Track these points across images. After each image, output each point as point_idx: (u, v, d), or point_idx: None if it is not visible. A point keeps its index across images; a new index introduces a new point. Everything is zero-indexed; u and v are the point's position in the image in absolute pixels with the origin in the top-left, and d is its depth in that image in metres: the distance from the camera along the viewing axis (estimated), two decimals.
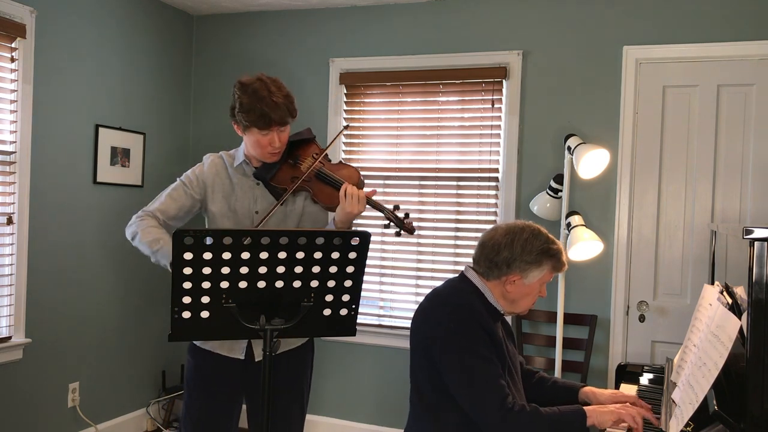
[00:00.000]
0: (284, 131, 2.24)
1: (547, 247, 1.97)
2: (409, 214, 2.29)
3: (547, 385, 2.20)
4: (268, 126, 2.18)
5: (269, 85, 2.19)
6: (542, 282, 2.01)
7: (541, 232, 2.00)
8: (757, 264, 1.46)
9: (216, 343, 2.25)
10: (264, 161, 2.29)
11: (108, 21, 3.78)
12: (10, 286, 3.29)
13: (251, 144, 2.25)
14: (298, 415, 2.39)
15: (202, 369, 2.29)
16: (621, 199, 3.54)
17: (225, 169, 2.34)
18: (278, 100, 2.17)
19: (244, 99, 2.17)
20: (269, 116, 2.16)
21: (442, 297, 2.02)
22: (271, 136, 2.21)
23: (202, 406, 2.28)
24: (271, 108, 2.15)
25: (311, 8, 4.16)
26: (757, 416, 1.49)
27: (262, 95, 2.16)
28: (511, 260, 1.96)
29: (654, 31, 3.50)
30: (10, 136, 3.27)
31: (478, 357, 1.86)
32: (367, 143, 4.10)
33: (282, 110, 2.18)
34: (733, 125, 3.38)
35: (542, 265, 1.97)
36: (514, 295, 2.00)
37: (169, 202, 2.28)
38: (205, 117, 4.44)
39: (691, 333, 2.25)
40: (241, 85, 2.21)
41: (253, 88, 2.18)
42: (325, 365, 4.09)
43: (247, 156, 2.32)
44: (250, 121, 2.17)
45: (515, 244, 1.96)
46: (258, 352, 2.26)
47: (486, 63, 3.79)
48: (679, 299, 3.47)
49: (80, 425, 3.69)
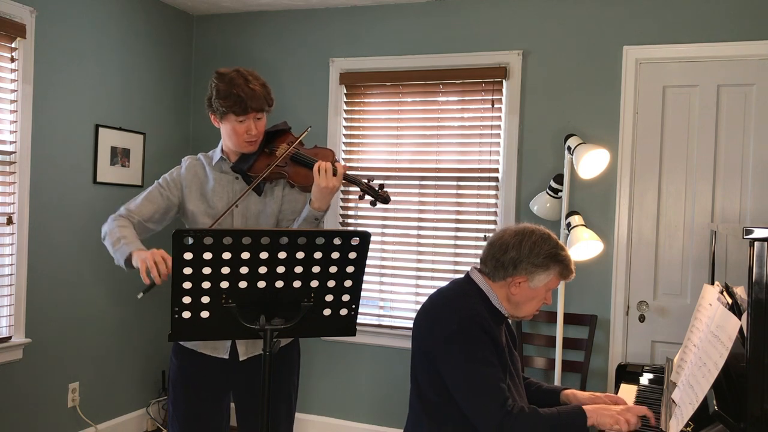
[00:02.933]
0: (261, 119, 2.26)
1: (556, 252, 1.96)
2: (384, 185, 2.31)
3: (531, 390, 2.21)
4: (245, 111, 2.19)
5: (246, 74, 2.23)
6: (548, 288, 2.00)
7: (551, 237, 1.99)
8: (757, 264, 1.46)
9: (200, 343, 2.25)
10: (241, 152, 2.30)
11: (108, 21, 3.79)
12: (10, 286, 3.29)
13: (228, 133, 2.26)
14: (285, 415, 2.37)
15: (186, 369, 2.28)
16: (621, 199, 3.54)
17: (203, 168, 2.36)
18: (255, 87, 2.20)
19: (221, 86, 2.20)
20: (245, 102, 2.18)
21: (446, 298, 2.02)
22: (247, 124, 2.22)
23: (187, 407, 2.28)
24: (247, 94, 2.18)
25: (311, 8, 4.16)
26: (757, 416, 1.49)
27: (239, 82, 2.19)
28: (518, 261, 1.95)
29: (654, 31, 3.50)
30: (10, 136, 3.27)
31: (479, 360, 1.86)
32: (367, 143, 4.10)
33: (259, 97, 2.21)
34: (733, 125, 3.38)
35: (549, 269, 1.96)
36: (518, 297, 1.99)
37: (145, 204, 2.30)
38: (205, 117, 4.37)
39: (691, 333, 2.25)
40: (218, 74, 2.24)
41: (230, 76, 2.21)
42: (325, 365, 4.09)
43: (225, 152, 2.34)
44: (227, 106, 2.19)
45: (523, 245, 1.96)
46: (243, 351, 2.25)
47: (486, 63, 3.79)
48: (679, 299, 3.47)
49: (80, 425, 3.70)
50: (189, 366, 2.28)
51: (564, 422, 1.84)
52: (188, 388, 2.28)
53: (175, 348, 2.31)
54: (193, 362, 2.27)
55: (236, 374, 2.27)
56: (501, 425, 1.80)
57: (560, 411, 1.88)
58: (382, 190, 2.28)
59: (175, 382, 2.31)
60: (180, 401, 2.29)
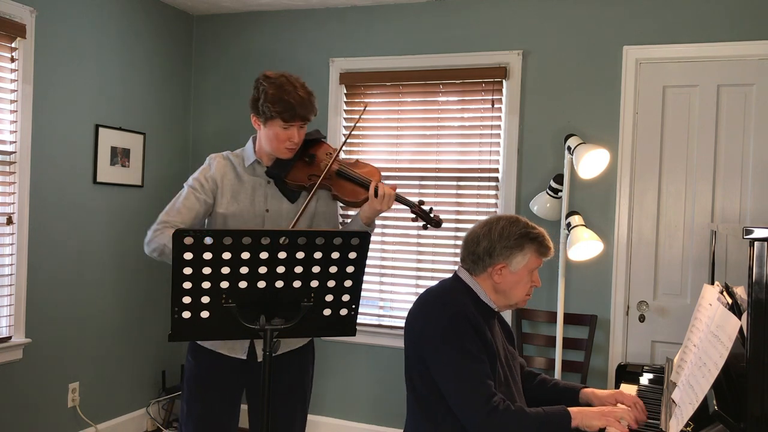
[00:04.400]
0: (303, 128, 2.26)
1: (527, 231, 1.99)
2: (432, 208, 2.36)
3: (548, 387, 2.20)
4: (293, 118, 2.19)
5: (294, 81, 2.22)
6: (529, 269, 2.00)
7: (520, 220, 2.02)
8: (757, 264, 1.46)
9: (218, 343, 2.24)
10: (277, 158, 2.29)
11: (108, 21, 3.78)
12: (10, 286, 3.29)
13: (269, 137, 2.24)
14: (300, 416, 2.38)
15: (203, 368, 2.28)
16: (621, 199, 3.54)
17: (233, 169, 2.31)
18: (303, 95, 2.20)
19: (271, 90, 2.18)
20: (295, 109, 2.17)
21: (433, 296, 2.03)
22: (291, 131, 2.21)
23: (202, 406, 2.27)
24: (297, 101, 2.18)
25: (311, 8, 4.16)
26: (757, 416, 1.49)
27: (289, 89, 2.19)
28: (491, 249, 1.98)
29: (654, 31, 3.50)
30: (10, 136, 3.27)
31: (466, 355, 1.86)
32: (367, 143, 4.10)
33: (307, 105, 2.21)
34: (733, 125, 3.38)
35: (524, 248, 1.98)
36: (504, 285, 2.00)
37: (185, 212, 2.21)
38: (205, 117, 4.44)
39: (691, 333, 2.25)
40: (266, 77, 2.22)
41: (280, 81, 2.20)
42: (325, 365, 4.09)
43: (259, 154, 2.31)
44: (277, 111, 2.17)
45: (493, 232, 1.99)
46: (260, 352, 2.24)
47: (486, 63, 3.79)
48: (679, 299, 3.47)
49: (80, 425, 3.69)
50: (206, 366, 2.27)
51: (548, 421, 1.85)
52: (205, 387, 2.27)
53: (191, 347, 2.30)
54: (211, 362, 2.26)
55: (253, 375, 2.26)
56: (485, 420, 1.80)
57: (546, 411, 1.88)
58: (433, 214, 2.34)
59: (190, 381, 2.30)
60: (196, 400, 2.28)
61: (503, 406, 1.82)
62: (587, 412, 1.90)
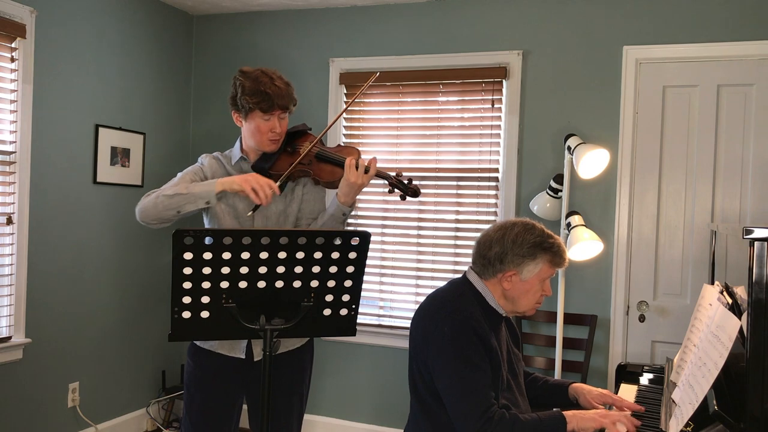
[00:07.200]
0: (284, 119, 2.28)
1: (542, 240, 1.93)
2: (412, 179, 2.32)
3: (538, 385, 2.21)
4: (271, 108, 2.21)
5: (271, 73, 2.26)
6: (541, 278, 1.96)
7: (536, 227, 1.97)
8: (757, 264, 1.46)
9: (216, 343, 2.25)
10: (263, 151, 2.31)
11: (108, 21, 3.78)
12: (10, 286, 3.29)
13: (251, 131, 2.27)
14: (297, 416, 2.39)
15: (202, 369, 2.28)
16: (621, 199, 3.54)
17: (222, 167, 2.36)
18: (280, 85, 2.24)
19: (247, 83, 2.21)
20: (272, 98, 2.20)
21: (441, 299, 2.00)
22: (272, 122, 2.24)
23: (202, 407, 2.28)
24: (273, 91, 2.21)
25: (311, 8, 4.16)
26: (757, 416, 1.49)
27: (265, 80, 2.22)
28: (502, 255, 1.93)
29: (654, 31, 3.50)
30: (10, 135, 3.27)
31: (467, 364, 1.84)
32: (367, 143, 4.10)
33: (284, 95, 2.24)
34: (733, 125, 3.38)
35: (537, 258, 1.93)
36: (512, 293, 1.97)
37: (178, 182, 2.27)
38: (205, 117, 4.44)
39: (691, 333, 2.25)
40: (242, 72, 2.26)
41: (255, 74, 2.24)
42: (325, 365, 4.09)
43: (244, 151, 2.34)
44: (254, 103, 2.20)
45: (506, 238, 1.94)
46: (258, 352, 2.25)
47: (486, 63, 3.79)
48: (679, 299, 3.47)
49: (80, 425, 3.69)
50: (206, 366, 2.27)
51: (543, 428, 1.83)
52: (205, 388, 2.28)
53: (190, 349, 2.31)
54: (211, 363, 2.27)
55: (252, 374, 2.26)
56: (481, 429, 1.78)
57: (541, 416, 1.86)
58: (411, 184, 2.30)
59: (190, 382, 2.30)
60: (196, 401, 2.28)
61: (498, 415, 1.80)
62: (582, 415, 1.88)
